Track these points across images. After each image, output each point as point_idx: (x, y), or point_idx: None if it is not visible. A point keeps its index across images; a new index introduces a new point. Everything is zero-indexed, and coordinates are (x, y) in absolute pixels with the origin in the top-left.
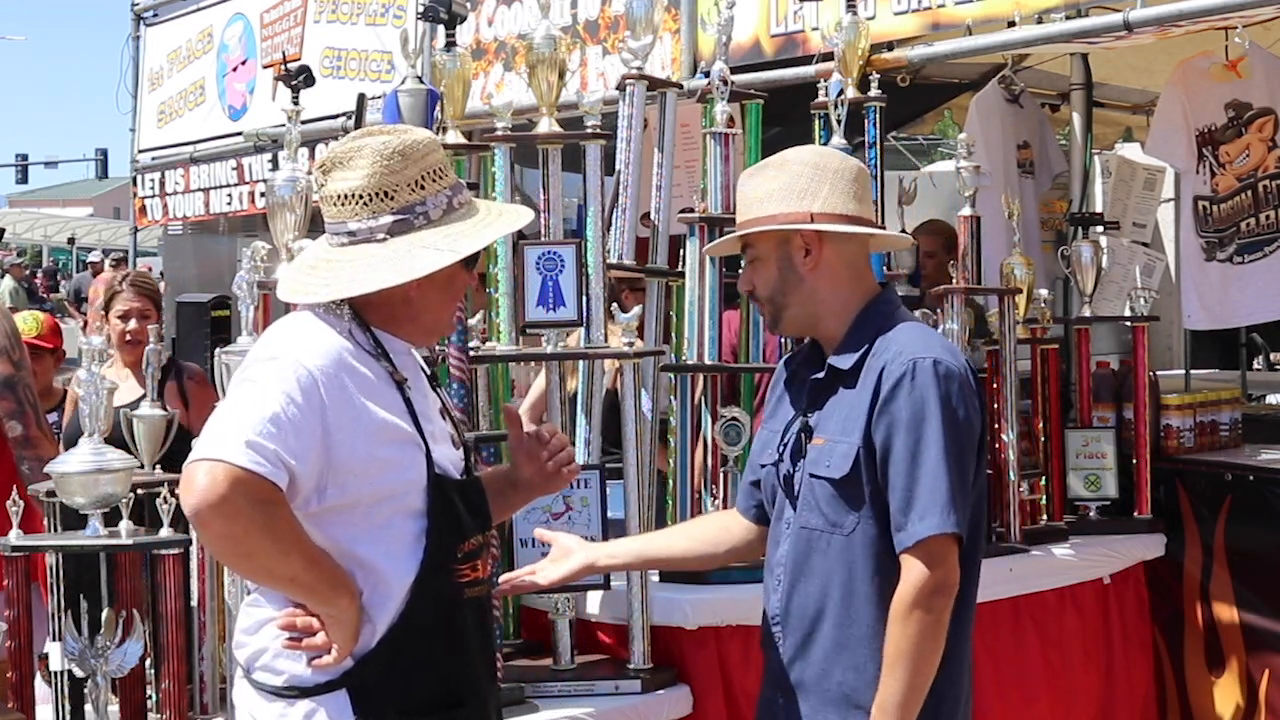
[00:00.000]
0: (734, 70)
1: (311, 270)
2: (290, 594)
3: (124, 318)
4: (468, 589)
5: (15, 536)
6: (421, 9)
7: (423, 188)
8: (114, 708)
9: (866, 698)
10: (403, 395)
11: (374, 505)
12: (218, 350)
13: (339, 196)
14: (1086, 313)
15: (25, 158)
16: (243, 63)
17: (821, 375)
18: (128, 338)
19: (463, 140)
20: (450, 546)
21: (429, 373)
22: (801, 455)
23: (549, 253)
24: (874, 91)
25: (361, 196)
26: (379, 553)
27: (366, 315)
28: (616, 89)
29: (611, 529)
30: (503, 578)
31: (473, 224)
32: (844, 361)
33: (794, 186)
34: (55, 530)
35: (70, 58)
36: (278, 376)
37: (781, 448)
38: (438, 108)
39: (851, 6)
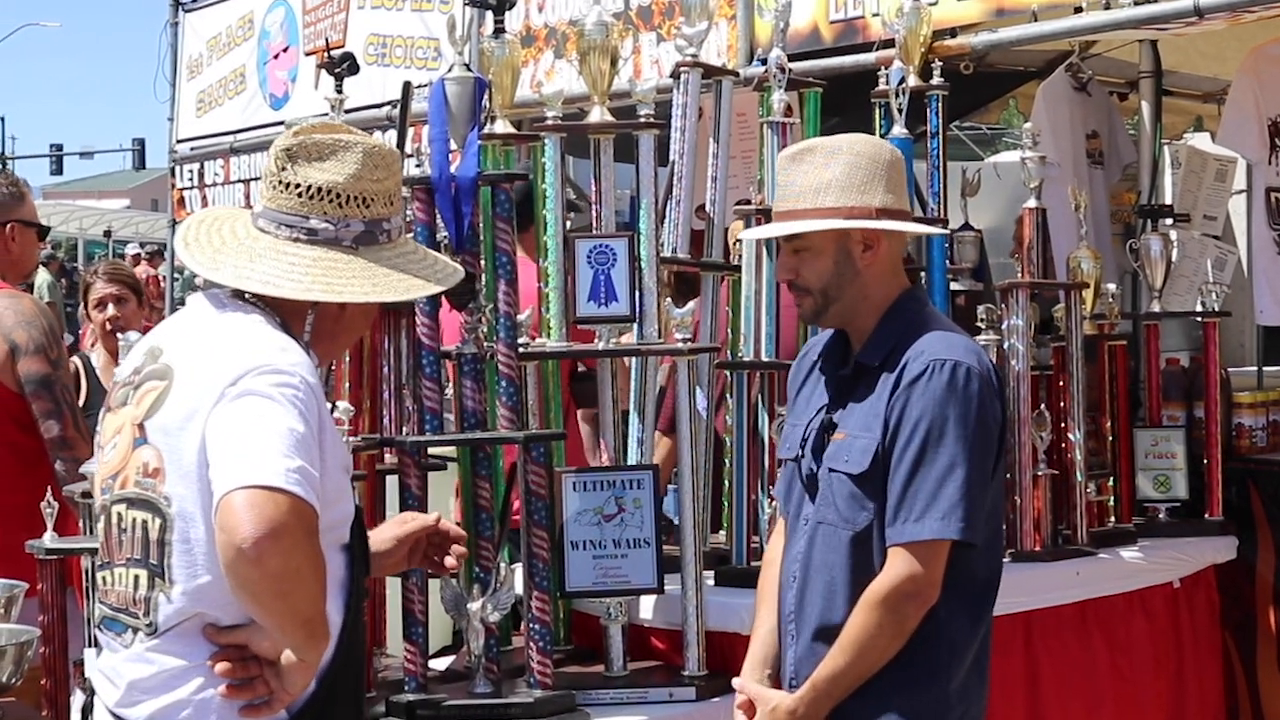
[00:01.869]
0: (792, 57)
1: (252, 258)
2: (292, 637)
3: (100, 306)
4: (365, 628)
5: (50, 539)
6: None
7: (392, 204)
8: None
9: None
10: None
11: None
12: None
13: (308, 188)
14: (1156, 308)
15: (60, 148)
16: (284, 50)
17: (848, 371)
18: (108, 326)
19: (512, 130)
20: (362, 584)
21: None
22: (823, 451)
23: (601, 246)
24: (936, 79)
25: (340, 195)
26: None
27: (291, 325)
28: (670, 77)
29: (666, 530)
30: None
31: (420, 257)
32: (872, 358)
33: (853, 178)
34: (90, 533)
35: (106, 45)
36: (291, 393)
37: (803, 443)
38: (486, 96)
39: None
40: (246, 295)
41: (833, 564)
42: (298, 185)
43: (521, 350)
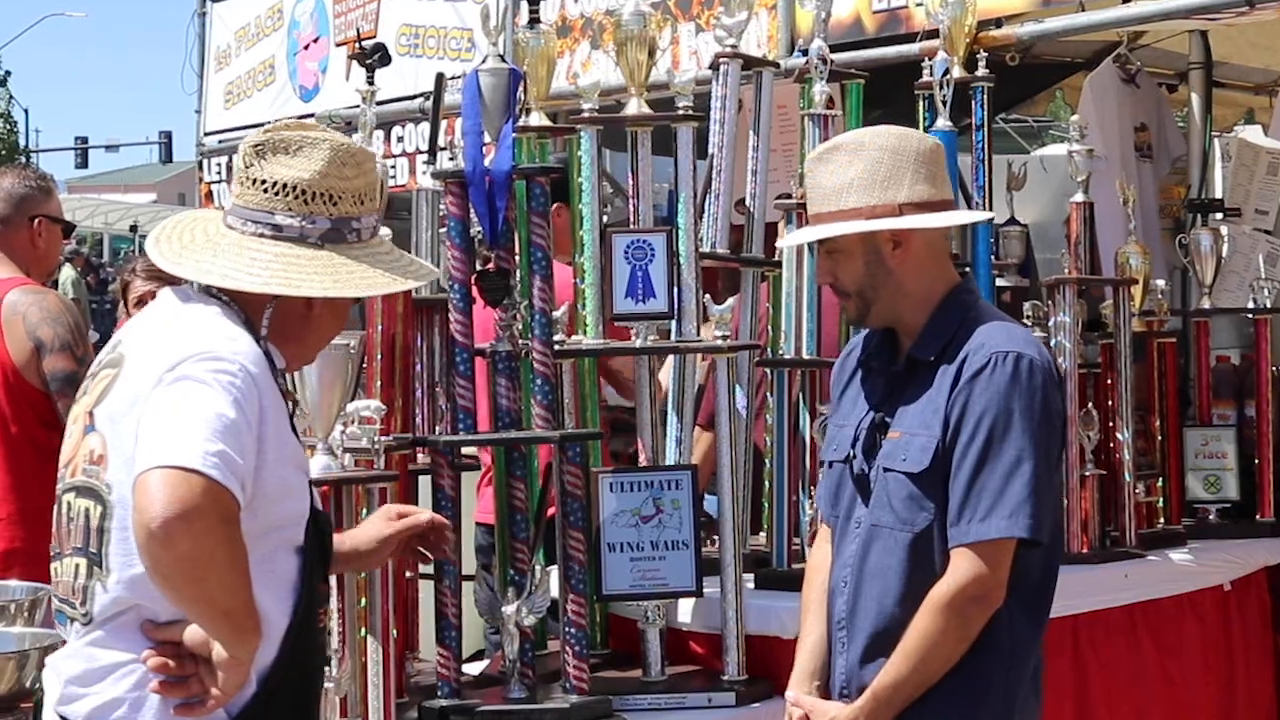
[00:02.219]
0: (833, 48)
1: (215, 253)
2: (213, 628)
3: (140, 303)
4: (321, 633)
5: None
6: None
7: (363, 203)
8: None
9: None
10: (290, 413)
11: (262, 536)
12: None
13: (274, 184)
14: (1206, 304)
15: (85, 141)
16: (315, 40)
17: (900, 368)
18: None
19: (547, 123)
20: (317, 588)
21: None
22: (876, 450)
23: (638, 241)
24: (981, 71)
25: (305, 192)
26: (263, 590)
27: (255, 321)
28: (710, 68)
29: (706, 529)
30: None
31: (396, 257)
32: (925, 353)
33: (875, 174)
34: None
35: (133, 35)
36: (226, 379)
37: (854, 444)
38: (520, 88)
39: None
40: (213, 290)
41: (888, 568)
42: (264, 181)
43: (557, 347)
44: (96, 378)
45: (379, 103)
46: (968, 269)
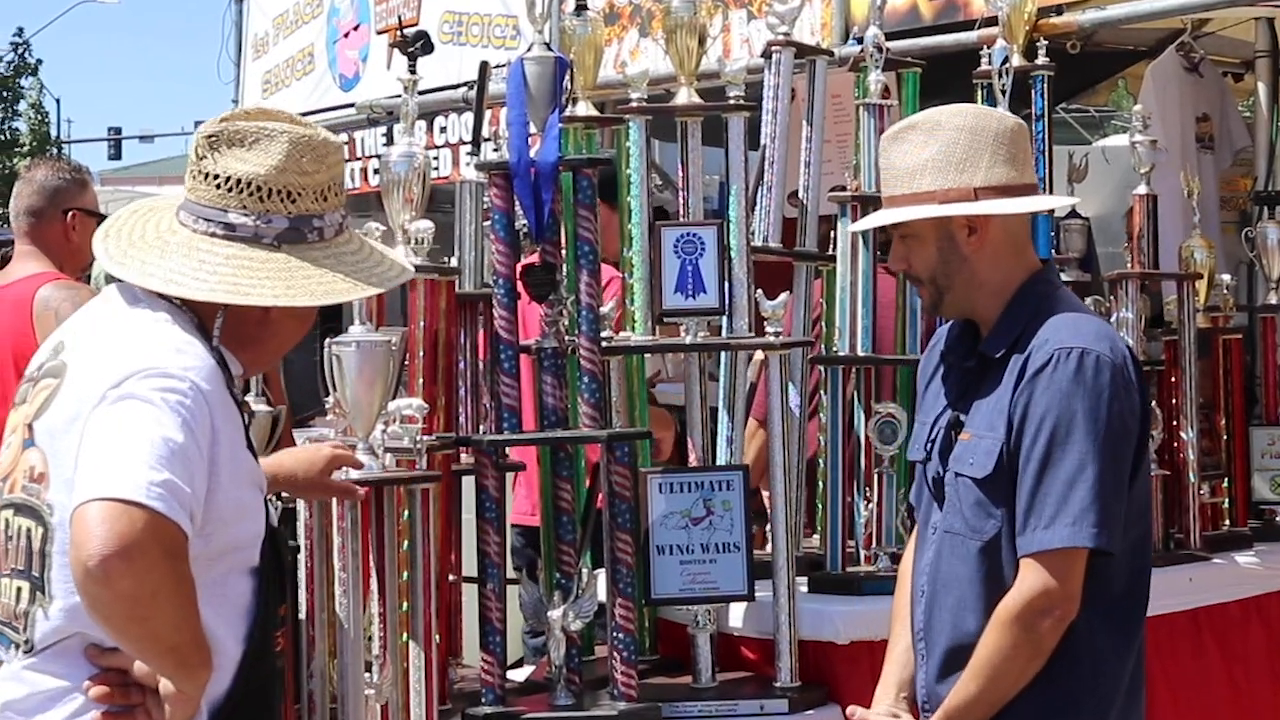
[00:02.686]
0: (889, 36)
1: (163, 252)
2: (159, 664)
3: None
4: (278, 659)
5: None
6: None
7: (325, 199)
8: None
9: None
10: (245, 427)
11: (215, 558)
12: (328, 341)
13: (227, 179)
14: (1273, 300)
15: (119, 131)
16: (355, 28)
17: (972, 363)
18: None
19: (594, 113)
20: (274, 611)
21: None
22: (950, 452)
23: (688, 234)
24: (1041, 59)
25: (260, 189)
26: (211, 615)
27: (207, 326)
28: (761, 56)
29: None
30: None
31: (363, 258)
32: (995, 348)
33: (950, 156)
34: None
35: (167, 22)
36: (175, 399)
37: (929, 444)
38: (567, 77)
39: None
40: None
41: (961, 577)
42: (217, 176)
43: (605, 344)
44: (37, 385)
45: (421, 92)
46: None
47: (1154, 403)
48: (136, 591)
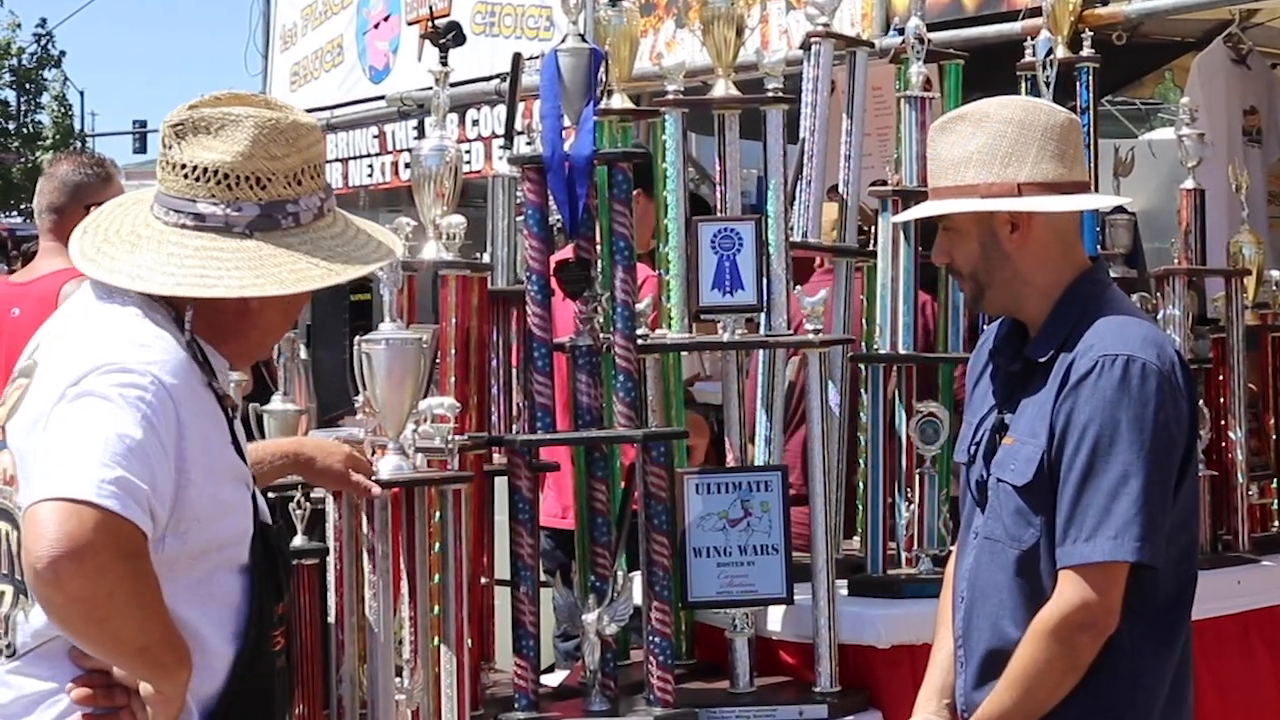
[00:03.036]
0: (931, 27)
1: (134, 247)
2: (130, 666)
3: None
4: (277, 659)
5: None
6: None
7: (299, 183)
8: None
9: None
10: (229, 423)
11: (199, 556)
12: (357, 339)
13: (194, 169)
14: None
15: (144, 125)
16: (385, 19)
17: (1018, 366)
18: None
19: (630, 105)
20: (270, 609)
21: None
22: (994, 456)
23: (726, 230)
24: (1087, 51)
25: (227, 176)
26: (198, 614)
27: (195, 324)
28: (801, 48)
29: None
30: None
31: (346, 240)
32: (1040, 351)
33: (996, 149)
34: None
35: (193, 13)
36: (135, 394)
37: (974, 447)
38: (602, 69)
39: None
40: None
41: (1000, 584)
42: (184, 165)
43: (640, 342)
44: (13, 386)
45: (453, 84)
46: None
47: (1201, 401)
48: (90, 593)
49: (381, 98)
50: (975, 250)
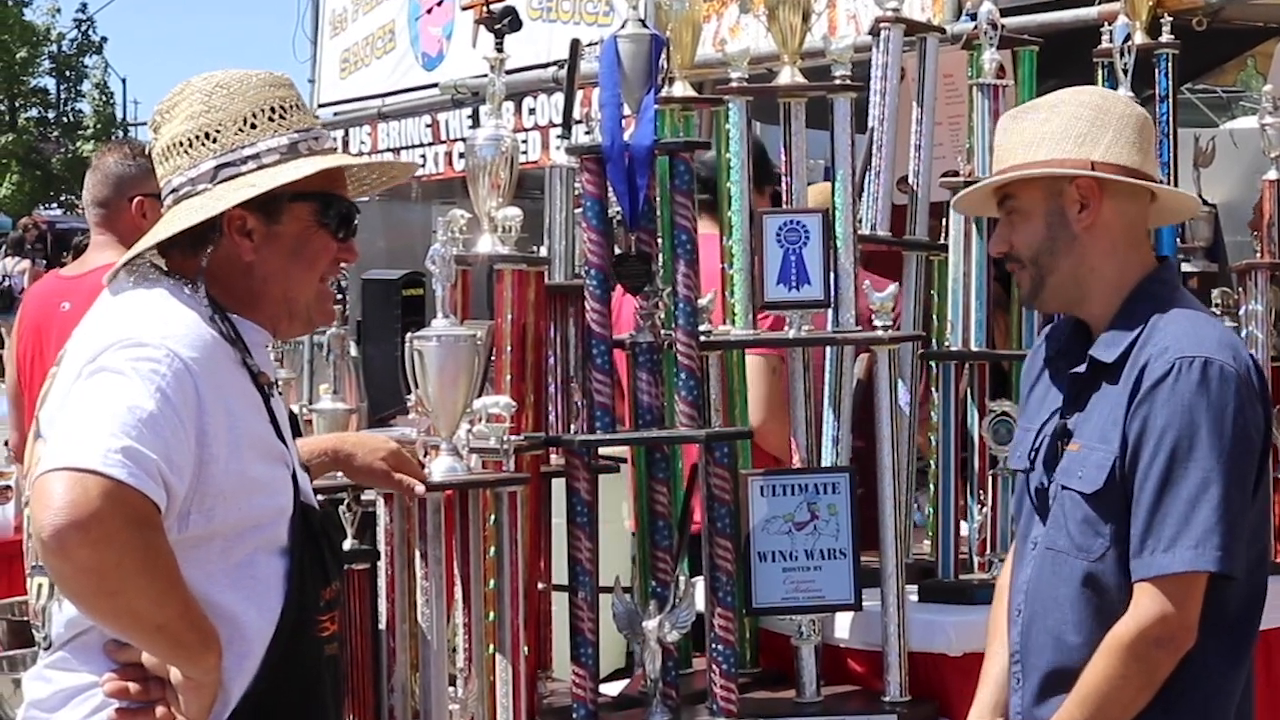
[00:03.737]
0: (1004, 12)
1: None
2: (151, 646)
3: None
4: (327, 645)
5: None
6: None
7: (254, 127)
8: None
9: None
10: (265, 400)
11: (234, 538)
12: (409, 335)
13: (164, 151)
14: None
15: None
16: (439, 4)
17: (1082, 368)
18: None
19: (692, 93)
20: (314, 593)
21: (275, 379)
22: (1056, 462)
23: (792, 222)
24: (1166, 37)
25: (182, 143)
26: (239, 599)
27: (221, 297)
28: (869, 34)
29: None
30: None
31: (315, 161)
32: (1108, 353)
33: (1071, 130)
34: None
35: None
36: (148, 367)
37: (1033, 453)
38: (663, 55)
39: None
40: (160, 268)
41: (1063, 598)
42: (159, 153)
43: (703, 339)
44: (48, 378)
45: (509, 72)
46: (1168, 257)
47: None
48: (98, 563)
49: (435, 85)
50: (1041, 230)
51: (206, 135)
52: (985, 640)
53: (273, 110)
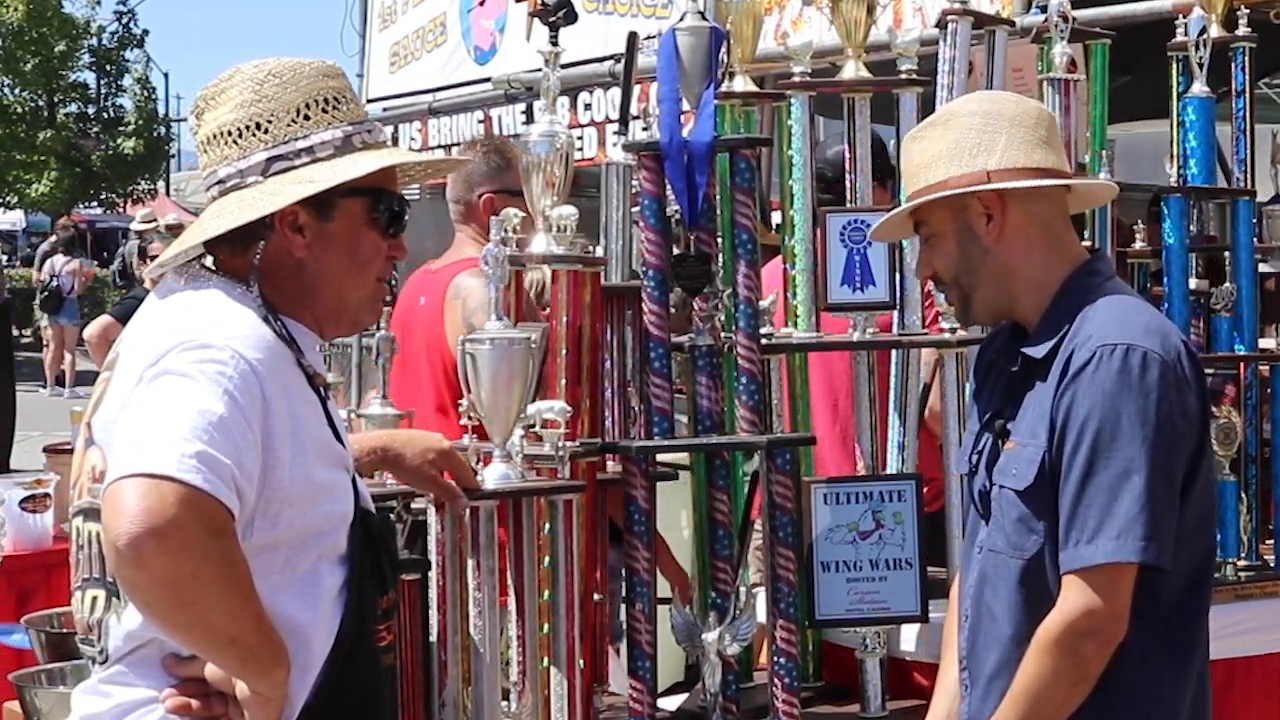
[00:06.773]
0: (1076, 4)
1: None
2: (222, 660)
3: None
4: (384, 655)
5: None
6: None
7: (307, 118)
8: None
9: None
10: (323, 403)
11: (299, 546)
12: (461, 338)
13: (209, 139)
14: None
15: None
16: None
17: (1017, 366)
18: None
19: (753, 88)
20: (372, 602)
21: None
22: (995, 464)
23: (856, 221)
24: (1242, 30)
25: (230, 133)
26: (303, 609)
27: (271, 297)
28: (936, 27)
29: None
30: None
31: (373, 157)
32: (1039, 349)
33: (963, 143)
34: None
35: None
36: (215, 369)
37: (975, 456)
38: (723, 49)
39: None
40: (213, 269)
41: (1003, 599)
42: (204, 142)
43: (764, 342)
44: (98, 383)
45: (564, 66)
46: (1097, 246)
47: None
48: (175, 572)
49: (487, 80)
50: (954, 250)
51: (257, 125)
52: None
53: (326, 101)
